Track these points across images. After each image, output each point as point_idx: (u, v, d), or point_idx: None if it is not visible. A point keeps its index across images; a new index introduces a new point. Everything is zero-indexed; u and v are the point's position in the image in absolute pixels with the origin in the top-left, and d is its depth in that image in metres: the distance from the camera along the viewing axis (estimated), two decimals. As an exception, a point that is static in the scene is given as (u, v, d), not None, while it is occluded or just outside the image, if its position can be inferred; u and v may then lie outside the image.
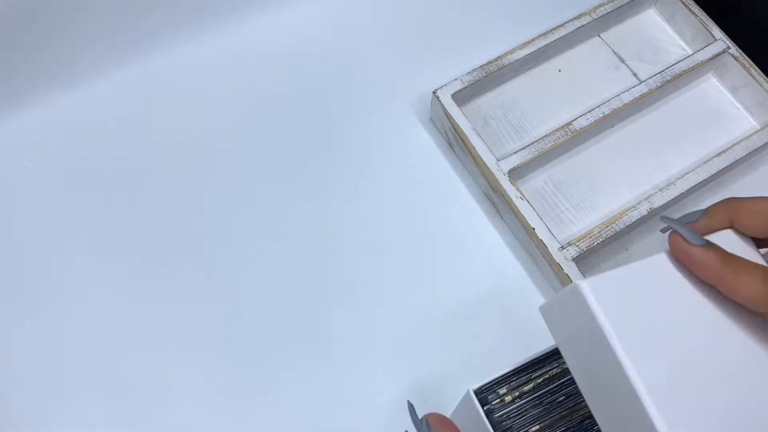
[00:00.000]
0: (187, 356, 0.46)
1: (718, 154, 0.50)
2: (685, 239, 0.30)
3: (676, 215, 0.50)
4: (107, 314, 0.47)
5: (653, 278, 0.31)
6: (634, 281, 0.30)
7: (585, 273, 0.46)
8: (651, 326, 0.29)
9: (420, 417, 0.32)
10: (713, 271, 0.30)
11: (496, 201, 0.50)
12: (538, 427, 0.34)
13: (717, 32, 0.54)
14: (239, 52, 0.56)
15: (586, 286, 0.29)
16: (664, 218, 0.31)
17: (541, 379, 0.35)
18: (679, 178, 0.49)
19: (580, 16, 0.54)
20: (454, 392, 0.39)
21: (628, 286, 0.30)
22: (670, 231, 0.31)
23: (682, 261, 0.30)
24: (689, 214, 0.32)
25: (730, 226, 0.31)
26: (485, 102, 0.54)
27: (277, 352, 0.46)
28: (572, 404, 0.35)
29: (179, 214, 0.50)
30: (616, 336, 0.28)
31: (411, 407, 0.33)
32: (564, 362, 0.35)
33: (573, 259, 0.46)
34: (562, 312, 0.30)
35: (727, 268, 0.30)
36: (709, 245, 0.30)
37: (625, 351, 0.28)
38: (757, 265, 0.30)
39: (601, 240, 0.47)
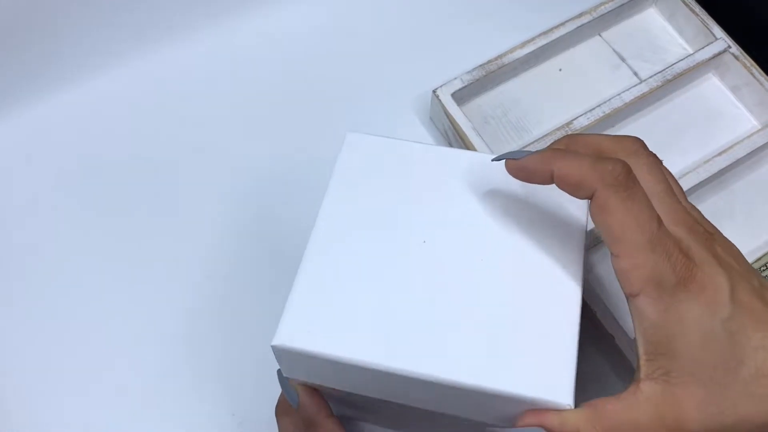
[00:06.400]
0: (186, 355, 0.46)
1: (719, 154, 0.49)
2: (514, 159, 0.32)
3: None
4: (105, 313, 0.47)
5: (410, 161, 0.36)
6: (395, 156, 0.36)
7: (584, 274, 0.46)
8: (372, 196, 0.35)
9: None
10: (545, 165, 0.31)
11: (496, 200, 0.50)
12: None
13: (718, 31, 0.53)
14: (238, 52, 0.56)
15: (352, 135, 0.36)
16: (495, 158, 0.34)
17: None
18: (679, 178, 0.49)
19: (580, 15, 0.54)
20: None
21: (384, 156, 0.36)
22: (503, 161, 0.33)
23: (519, 177, 0.32)
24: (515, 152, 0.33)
25: (551, 181, 0.32)
26: (485, 101, 0.54)
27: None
28: None
29: (179, 214, 0.50)
30: (335, 180, 0.36)
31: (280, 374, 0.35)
32: None
33: (573, 259, 0.46)
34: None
35: (556, 159, 0.31)
36: (536, 152, 0.32)
37: (331, 194, 0.35)
38: (582, 155, 0.31)
39: (602, 239, 0.47)
